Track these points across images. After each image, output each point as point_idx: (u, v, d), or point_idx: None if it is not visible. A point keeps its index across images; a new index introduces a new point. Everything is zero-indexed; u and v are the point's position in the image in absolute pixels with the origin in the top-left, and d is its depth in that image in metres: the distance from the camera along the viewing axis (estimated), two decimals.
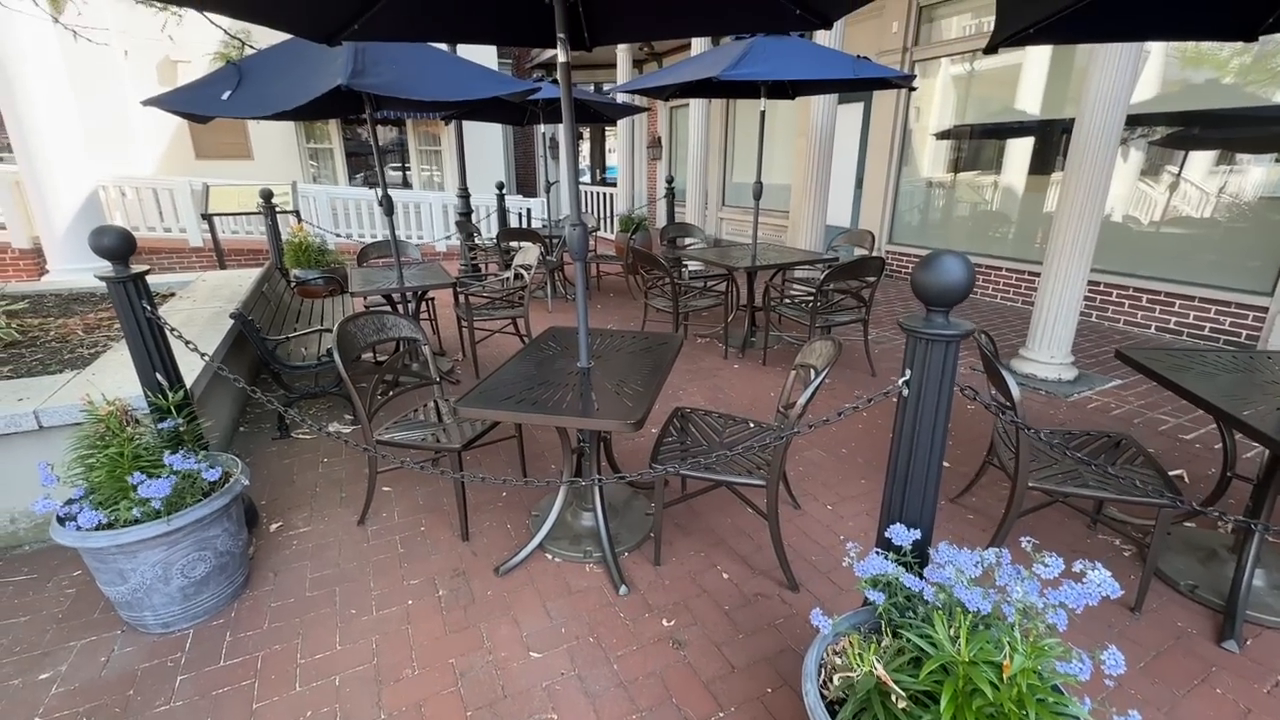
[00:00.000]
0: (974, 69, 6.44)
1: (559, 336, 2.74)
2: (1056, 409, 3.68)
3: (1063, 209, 3.82)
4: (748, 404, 3.78)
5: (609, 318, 5.93)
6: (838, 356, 2.11)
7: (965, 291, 1.29)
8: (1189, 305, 4.87)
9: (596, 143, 14.52)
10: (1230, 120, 4.63)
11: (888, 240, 7.50)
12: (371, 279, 4.12)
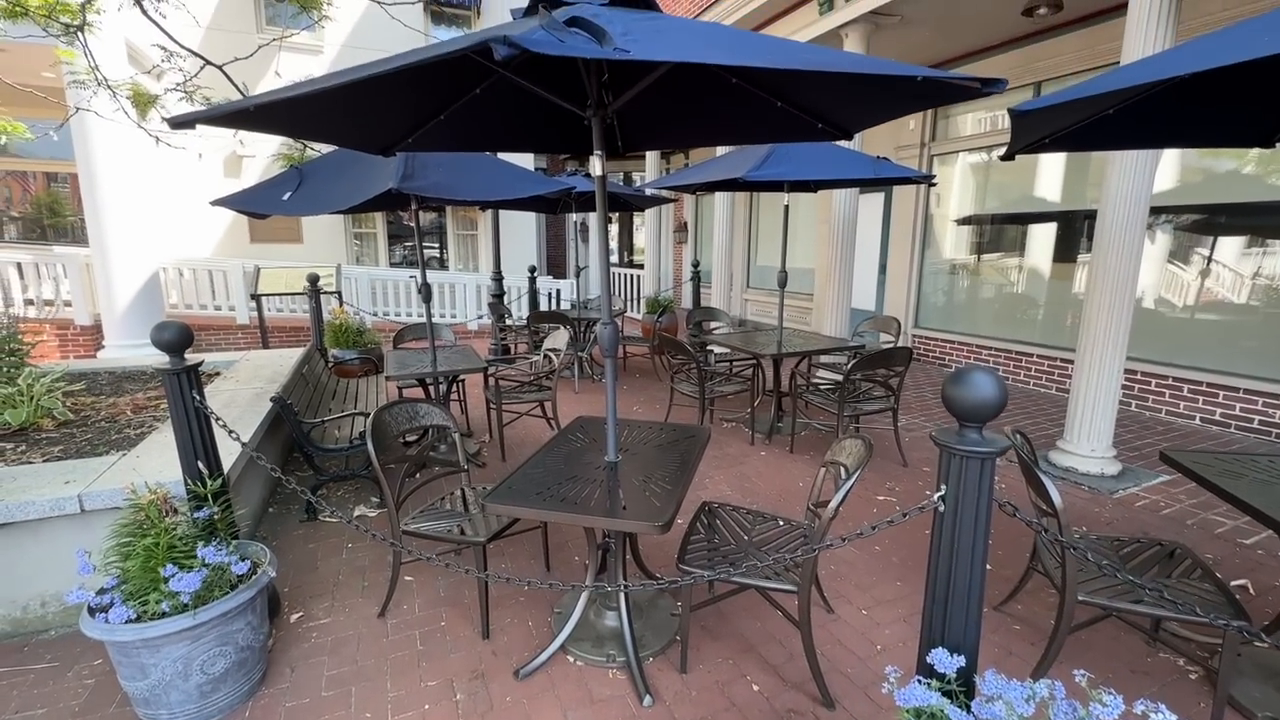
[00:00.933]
0: (991, 159, 6.65)
1: (587, 427, 2.76)
2: (1102, 507, 3.51)
3: (1091, 300, 3.81)
4: (776, 495, 3.70)
5: (634, 399, 5.96)
6: (869, 459, 2.08)
7: (998, 409, 1.28)
8: (1233, 396, 4.71)
9: (625, 225, 15.13)
10: (1258, 210, 4.66)
11: (913, 324, 7.51)
12: (406, 363, 4.25)
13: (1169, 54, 1.68)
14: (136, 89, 4.46)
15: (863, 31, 5.54)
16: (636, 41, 1.30)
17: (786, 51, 1.41)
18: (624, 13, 1.61)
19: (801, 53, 1.45)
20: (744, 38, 1.55)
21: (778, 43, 1.51)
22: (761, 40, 1.52)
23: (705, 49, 1.31)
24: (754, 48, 1.39)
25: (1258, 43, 1.34)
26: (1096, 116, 2.23)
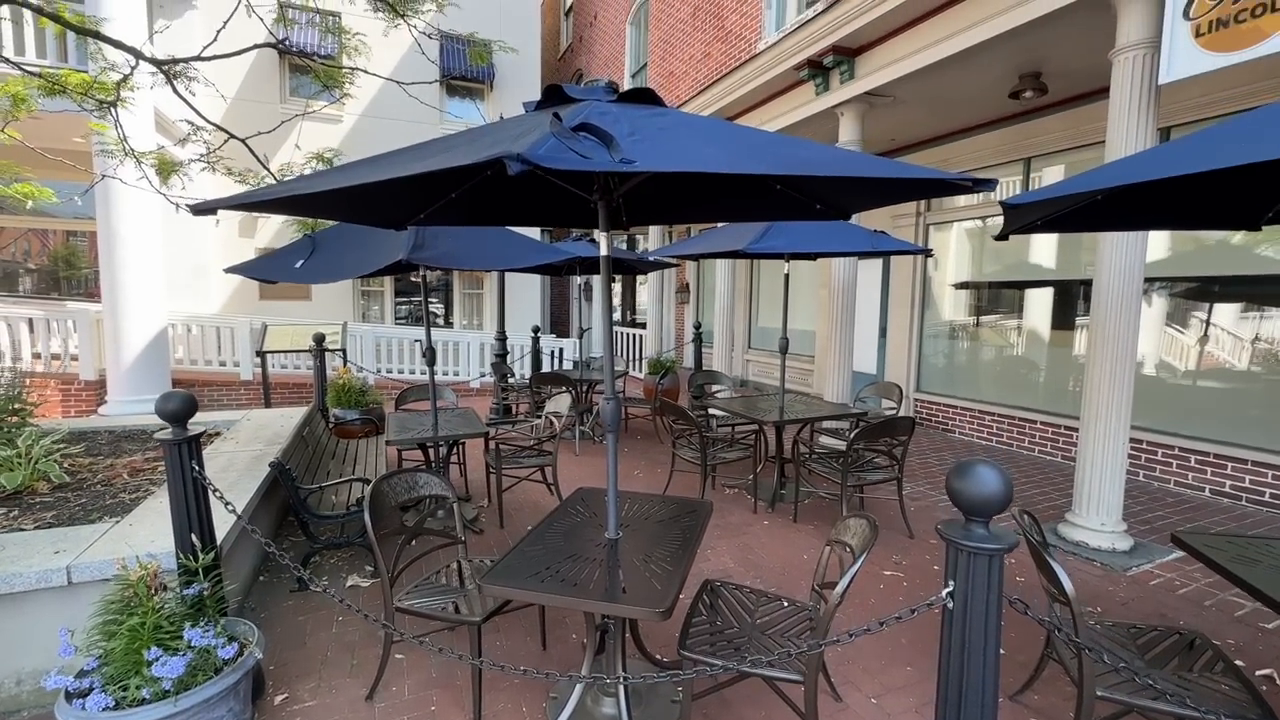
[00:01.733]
0: (986, 226, 6.82)
1: (588, 499, 2.72)
2: (1116, 585, 3.41)
3: (1092, 371, 3.82)
4: (779, 569, 3.60)
5: (636, 462, 5.90)
6: (874, 541, 2.04)
7: (1004, 503, 1.27)
8: (1241, 468, 4.66)
9: (628, 284, 15.38)
10: (1254, 281, 4.74)
11: (915, 388, 7.52)
12: (407, 426, 4.24)
13: (1150, 154, 1.76)
14: (162, 158, 4.65)
15: (857, 110, 5.81)
16: (641, 144, 1.37)
17: (788, 155, 1.47)
18: (631, 110, 1.70)
19: (803, 153, 1.51)
20: (745, 139, 1.63)
21: (779, 144, 1.59)
22: (762, 141, 1.60)
23: (707, 153, 1.37)
24: (755, 151, 1.46)
25: (1233, 149, 1.41)
26: (1085, 203, 2.31)
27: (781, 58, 6.17)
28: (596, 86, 1.89)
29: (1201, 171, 1.35)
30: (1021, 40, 4.48)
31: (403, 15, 3.94)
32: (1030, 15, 4.13)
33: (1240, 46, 3.08)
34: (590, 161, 1.09)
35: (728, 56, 8.02)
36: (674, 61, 9.57)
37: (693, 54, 8.99)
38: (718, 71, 8.17)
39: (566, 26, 15.85)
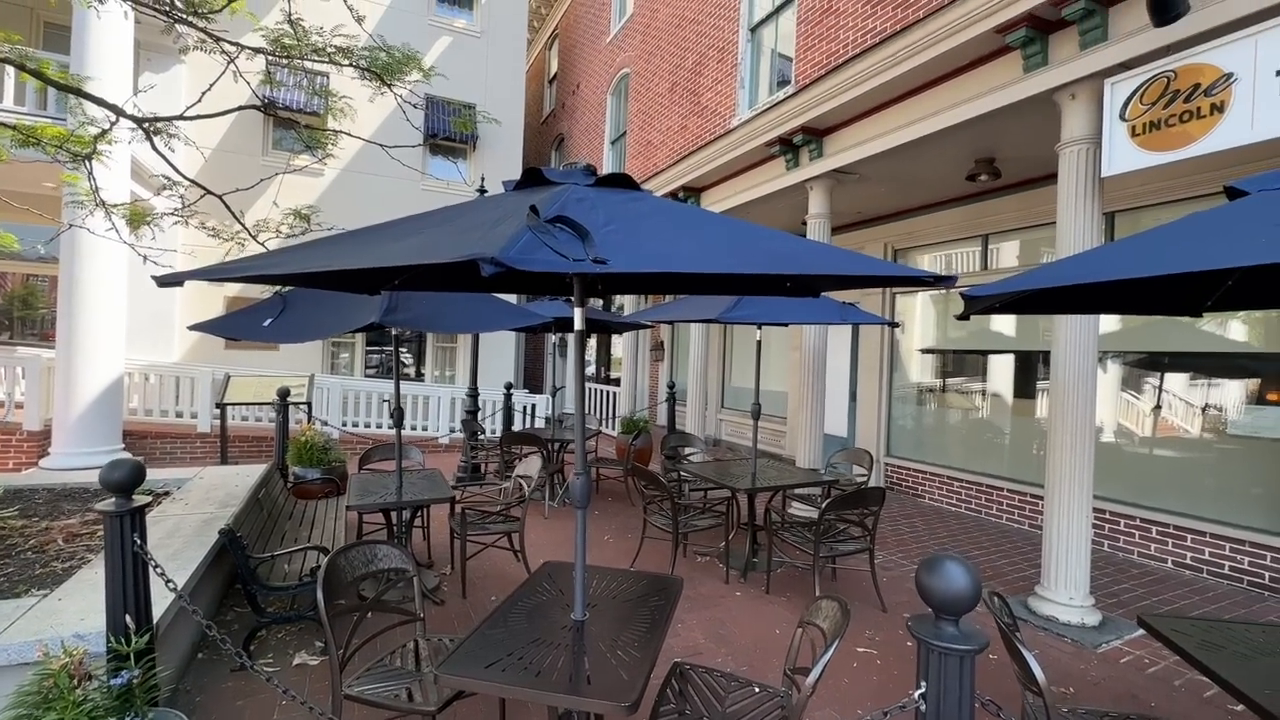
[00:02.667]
0: (949, 295, 7.09)
1: (555, 576, 2.63)
2: (1087, 664, 3.39)
3: (1053, 445, 3.92)
4: (751, 646, 3.50)
5: (606, 527, 5.77)
6: (846, 625, 2.00)
7: (973, 601, 1.27)
8: (1201, 540, 4.75)
9: (603, 340, 15.47)
10: (1202, 356, 4.98)
11: (885, 452, 7.59)
12: (370, 489, 4.10)
13: (1099, 253, 1.86)
14: (134, 210, 4.61)
15: (826, 185, 6.09)
16: (617, 234, 1.40)
17: (762, 250, 1.53)
18: (609, 195, 1.75)
19: (775, 246, 1.57)
20: (719, 230, 1.68)
21: (752, 236, 1.65)
22: (736, 233, 1.66)
23: (681, 248, 1.42)
24: (729, 245, 1.52)
25: (1175, 256, 1.51)
26: (1036, 290, 2.43)
27: (754, 135, 6.49)
28: (575, 169, 1.94)
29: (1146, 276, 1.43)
30: (976, 130, 4.80)
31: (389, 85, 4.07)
32: (983, 109, 4.44)
33: (1171, 148, 3.35)
34: (564, 261, 1.11)
35: (703, 130, 8.41)
36: (652, 132, 9.99)
37: (670, 125, 9.41)
38: (694, 143, 8.55)
39: (550, 93, 16.50)
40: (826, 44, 6.10)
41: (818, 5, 6.25)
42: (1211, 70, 3.22)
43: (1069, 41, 3.91)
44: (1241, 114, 3.10)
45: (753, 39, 7.68)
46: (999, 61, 4.34)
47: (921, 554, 5.21)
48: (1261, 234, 1.49)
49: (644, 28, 10.58)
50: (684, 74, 9.07)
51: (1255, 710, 1.77)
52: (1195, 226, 1.64)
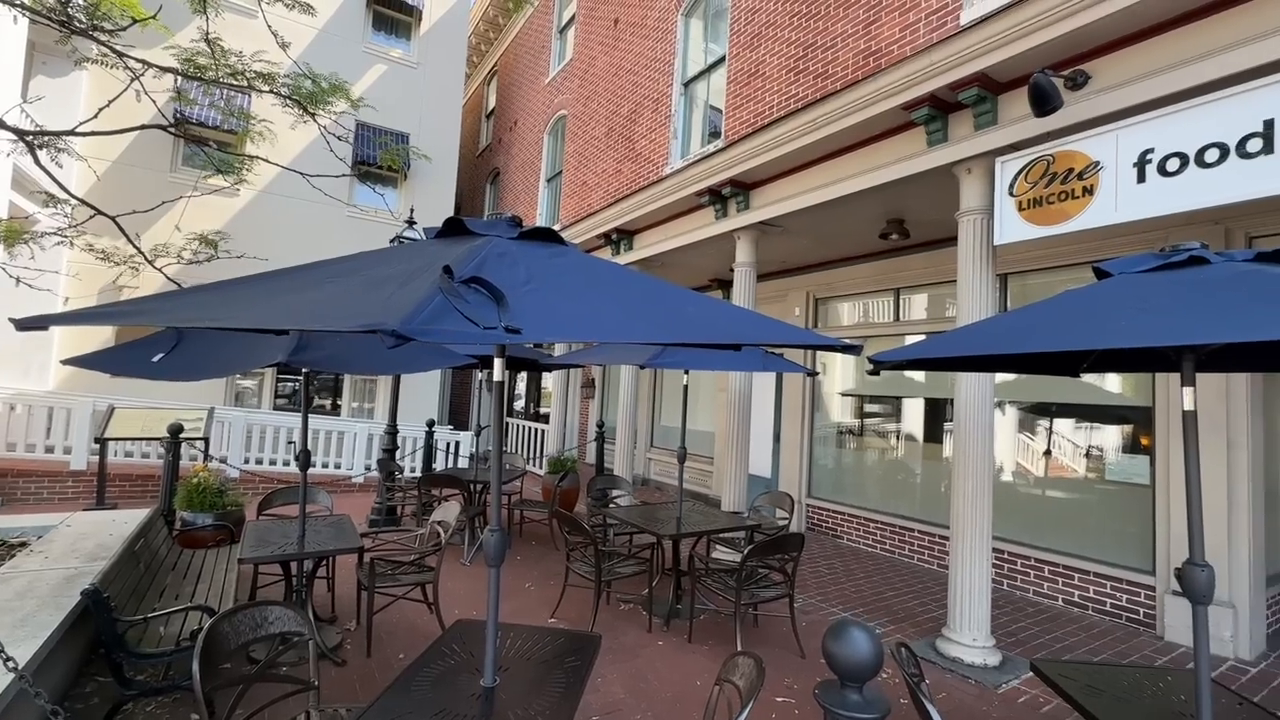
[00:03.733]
0: (866, 343, 7.48)
1: (467, 637, 2.50)
2: (989, 705, 3.54)
3: (956, 493, 4.15)
4: (671, 699, 3.43)
5: (528, 573, 5.57)
6: (760, 684, 2.00)
7: (876, 668, 1.29)
8: (1086, 579, 5.13)
9: (533, 378, 15.25)
10: (1084, 408, 5.46)
11: (807, 494, 7.80)
12: (268, 538, 3.79)
13: (992, 325, 2.02)
14: (10, 226, 4.18)
15: (752, 236, 6.35)
16: (535, 294, 1.39)
17: (685, 316, 1.55)
18: (532, 249, 1.74)
19: (695, 311, 1.60)
20: (641, 291, 1.70)
21: (675, 300, 1.68)
22: (659, 296, 1.68)
23: (601, 313, 1.42)
24: (651, 309, 1.53)
25: (1048, 334, 1.65)
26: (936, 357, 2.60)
27: (685, 184, 6.71)
28: (499, 220, 1.93)
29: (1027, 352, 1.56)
30: (887, 193, 5.16)
31: (311, 114, 3.93)
32: (893, 176, 4.80)
33: (1052, 223, 3.72)
34: (473, 331, 1.08)
35: (637, 175, 8.63)
36: (587, 173, 10.15)
37: (605, 169, 9.60)
38: (628, 188, 8.74)
39: (487, 127, 16.51)
40: (753, 104, 6.46)
41: (745, 68, 6.63)
42: (1083, 157, 3.63)
43: (966, 122, 4.31)
44: (1107, 198, 3.50)
45: (686, 93, 8.02)
46: (906, 134, 4.72)
47: (840, 596, 5.33)
48: (1121, 317, 1.66)
49: (582, 73, 10.85)
50: (620, 120, 9.32)
51: None
52: (1065, 306, 1.82)
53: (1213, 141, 3.12)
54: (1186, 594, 1.96)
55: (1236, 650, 4.28)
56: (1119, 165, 3.48)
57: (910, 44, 4.77)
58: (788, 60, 6.08)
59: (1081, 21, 3.45)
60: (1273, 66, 2.99)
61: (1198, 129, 3.19)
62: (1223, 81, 3.14)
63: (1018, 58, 3.81)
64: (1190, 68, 3.27)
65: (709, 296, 1.86)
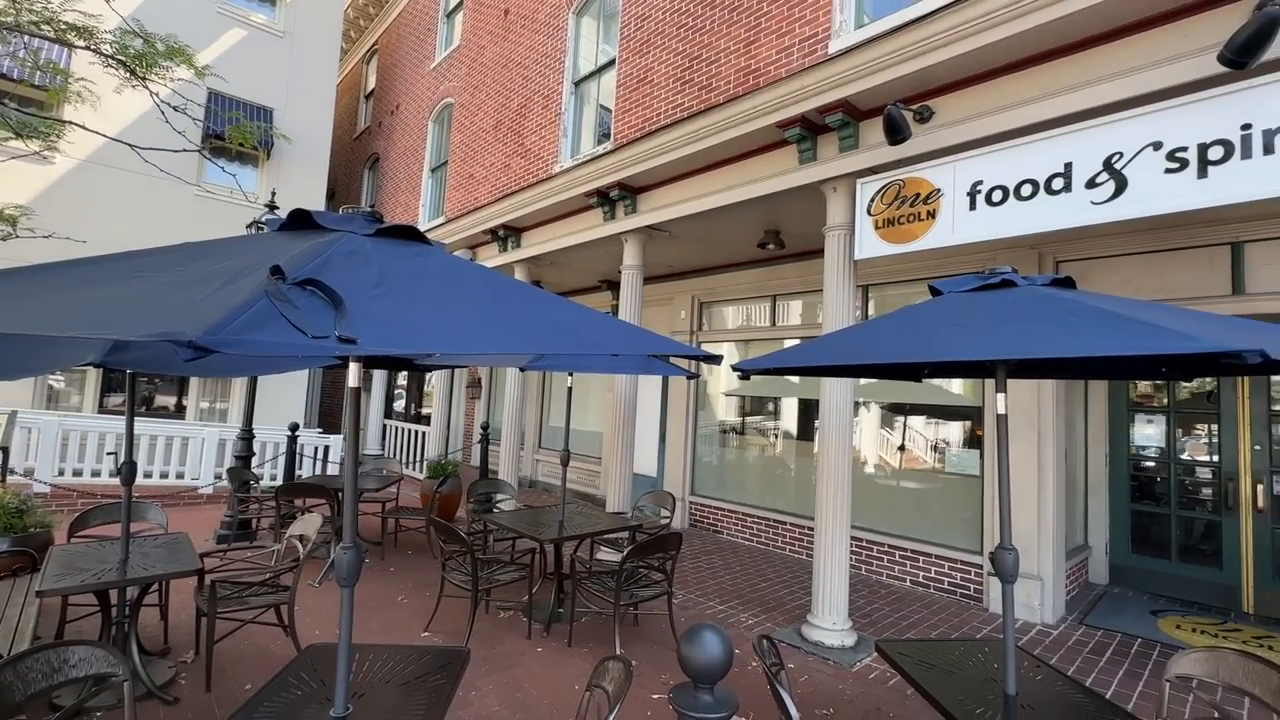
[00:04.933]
0: (749, 346, 7.85)
1: (319, 662, 2.31)
2: (844, 683, 3.84)
3: (819, 490, 4.47)
4: (549, 707, 3.39)
5: (402, 584, 5.28)
6: (628, 686, 2.02)
7: (725, 668, 1.34)
8: (930, 561, 5.73)
9: (415, 376, 14.48)
10: (930, 407, 6.09)
11: (690, 492, 8.06)
12: (79, 564, 3.28)
13: (845, 335, 2.18)
14: None
15: (639, 239, 6.44)
16: (382, 300, 1.30)
17: (549, 323, 1.52)
18: (389, 248, 1.63)
19: (560, 318, 1.57)
20: (505, 297, 1.65)
21: (540, 306, 1.64)
22: (522, 302, 1.63)
23: (458, 319, 1.36)
24: (512, 316, 1.49)
25: (885, 346, 1.81)
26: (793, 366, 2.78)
27: (574, 184, 6.68)
28: (356, 215, 1.79)
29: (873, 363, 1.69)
30: (765, 205, 5.45)
31: (143, 78, 3.44)
32: (769, 189, 5.06)
33: (902, 242, 4.11)
34: (299, 341, 0.98)
35: (526, 172, 8.46)
36: (475, 166, 9.80)
37: (494, 162, 9.32)
38: (517, 183, 8.55)
39: (365, 109, 15.45)
40: (642, 109, 6.56)
41: (635, 73, 6.72)
42: (927, 184, 4.04)
43: (832, 144, 4.65)
44: (946, 222, 3.93)
45: (577, 91, 7.98)
46: (781, 151, 5.00)
47: (718, 590, 5.55)
48: (945, 332, 1.85)
49: (470, 61, 10.46)
50: (509, 114, 9.09)
51: (946, 715, 2.13)
52: (901, 321, 2.01)
53: (1027, 178, 3.59)
54: (997, 574, 2.23)
55: (1043, 616, 4.97)
56: (956, 193, 3.91)
57: (785, 66, 5.06)
58: (675, 70, 6.23)
59: (927, 63, 3.84)
60: (1073, 118, 3.49)
61: (1016, 166, 3.66)
62: (1035, 127, 3.63)
63: (876, 89, 4.16)
64: (1011, 113, 3.74)
65: (579, 304, 1.84)
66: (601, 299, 9.60)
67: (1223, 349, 1.18)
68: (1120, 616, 5.13)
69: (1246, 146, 2.89)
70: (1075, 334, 1.56)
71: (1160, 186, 3.13)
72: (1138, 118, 3.22)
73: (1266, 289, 4.48)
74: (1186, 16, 3.17)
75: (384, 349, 1.10)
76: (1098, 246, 5.13)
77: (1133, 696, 3.76)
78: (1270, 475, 5.30)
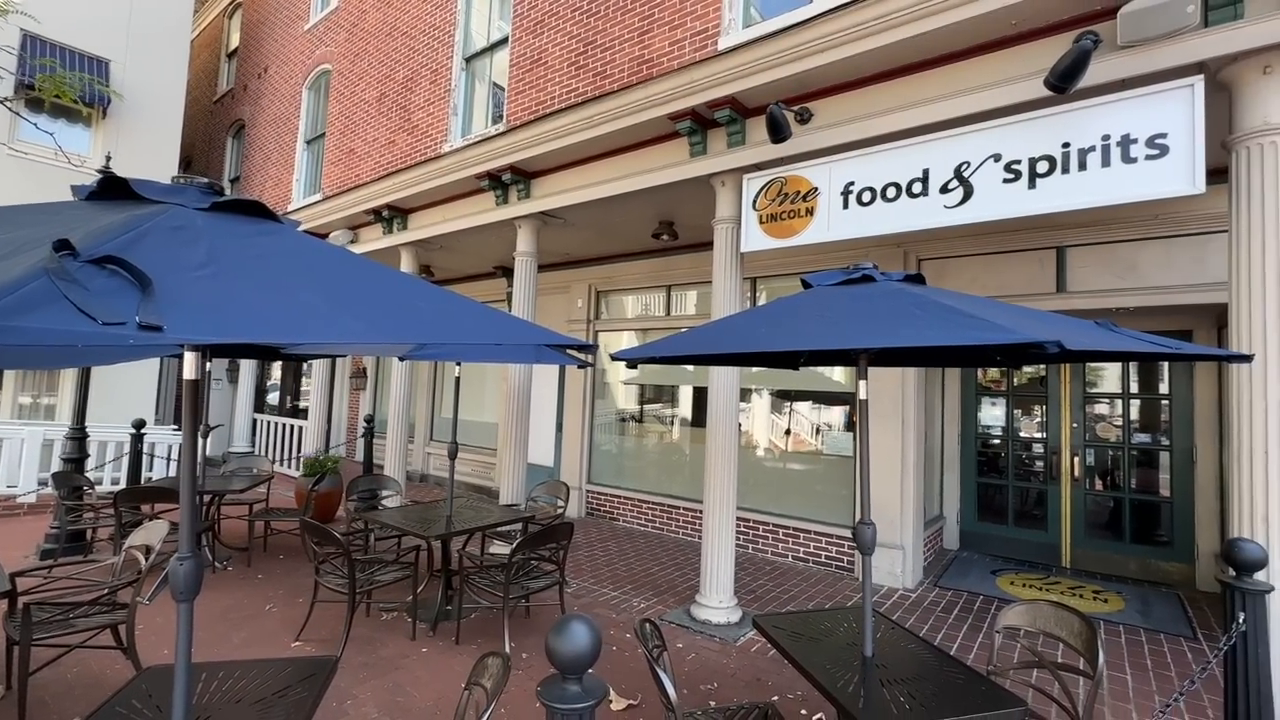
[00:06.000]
0: (646, 334, 7.95)
1: (158, 684, 2.06)
2: (729, 657, 4.02)
3: (707, 475, 4.63)
4: (431, 709, 3.27)
5: (272, 592, 4.87)
6: (505, 681, 1.99)
7: (592, 658, 1.35)
8: (810, 538, 6.13)
9: (291, 367, 13.33)
10: (810, 393, 6.48)
11: (587, 480, 8.07)
12: None
13: (723, 323, 2.25)
14: None
15: (533, 225, 6.30)
16: (213, 280, 1.17)
17: (410, 312, 1.43)
18: (226, 224, 1.47)
19: (430, 307, 1.49)
20: (362, 280, 1.53)
21: (406, 293, 1.53)
22: (385, 287, 1.52)
23: (298, 303, 1.24)
24: (370, 304, 1.38)
25: (756, 336, 1.89)
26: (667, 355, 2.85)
27: (464, 165, 6.40)
28: (188, 187, 1.59)
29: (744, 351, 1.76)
30: (659, 196, 5.51)
31: None
32: (662, 180, 5.12)
33: (783, 237, 4.31)
34: (86, 328, 0.84)
35: (413, 149, 7.99)
36: (356, 140, 9.11)
37: (377, 137, 8.71)
38: (403, 161, 8.05)
39: (228, 70, 13.90)
40: (536, 92, 6.39)
41: (528, 54, 6.52)
42: (806, 182, 4.26)
43: (721, 139, 4.78)
44: (823, 219, 4.17)
45: (468, 68, 7.62)
46: (674, 143, 5.07)
47: (612, 576, 5.61)
48: (810, 323, 1.96)
49: (350, 25, 9.68)
50: (394, 86, 8.52)
51: (813, 682, 2.29)
52: (773, 312, 2.11)
53: (892, 181, 3.89)
54: (858, 547, 2.41)
55: (905, 581, 5.48)
56: (831, 192, 4.16)
57: (677, 59, 5.12)
58: (570, 54, 6.12)
59: (806, 66, 4.03)
60: (931, 128, 3.81)
61: (883, 170, 3.95)
62: (900, 134, 3.93)
63: (761, 88, 4.32)
64: (880, 119, 4.02)
65: (449, 291, 1.75)
66: (496, 286, 9.32)
67: (1028, 339, 1.34)
68: (967, 577, 5.77)
69: (1066, 162, 3.30)
70: (918, 326, 1.71)
71: (999, 194, 3.50)
72: (982, 131, 3.58)
73: (1083, 288, 5.17)
74: (1023, 43, 3.55)
75: (201, 337, 0.97)
76: (952, 247, 5.68)
77: (974, 647, 4.25)
78: (1085, 449, 6.17)
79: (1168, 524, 5.75)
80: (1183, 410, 5.69)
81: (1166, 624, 4.70)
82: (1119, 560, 5.90)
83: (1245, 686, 2.53)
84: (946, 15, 3.48)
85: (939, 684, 2.25)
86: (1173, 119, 3.01)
